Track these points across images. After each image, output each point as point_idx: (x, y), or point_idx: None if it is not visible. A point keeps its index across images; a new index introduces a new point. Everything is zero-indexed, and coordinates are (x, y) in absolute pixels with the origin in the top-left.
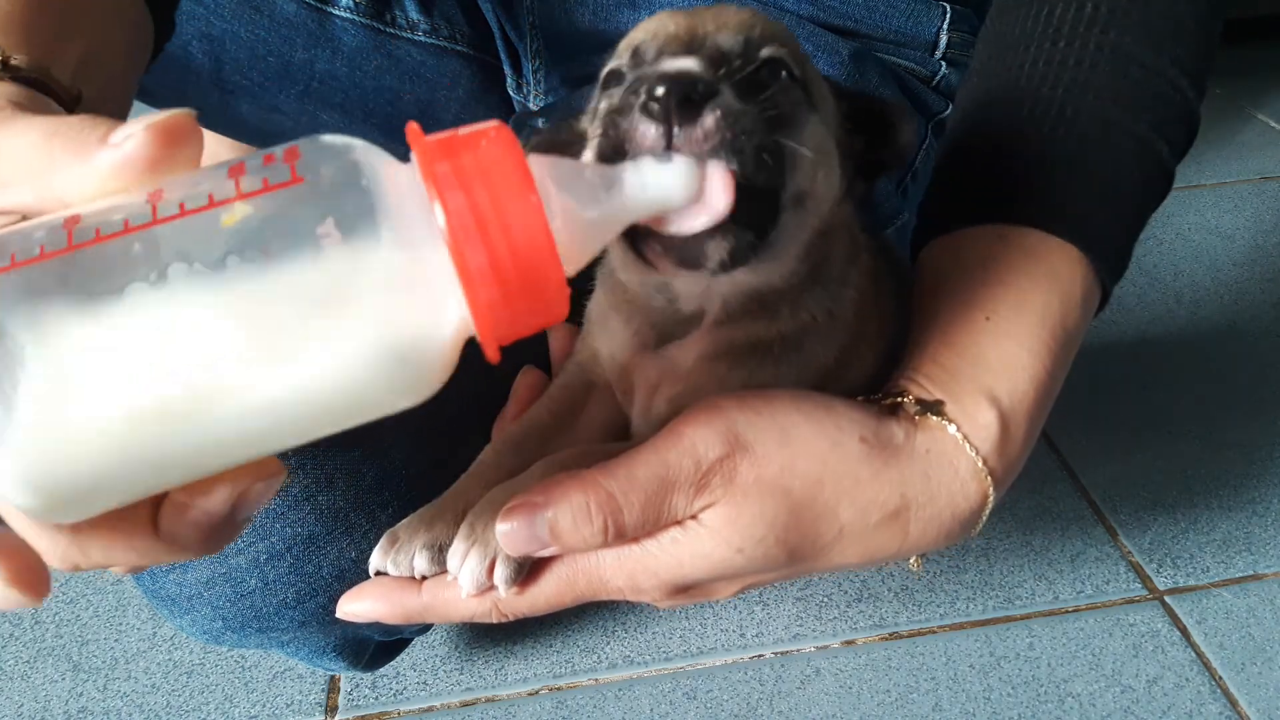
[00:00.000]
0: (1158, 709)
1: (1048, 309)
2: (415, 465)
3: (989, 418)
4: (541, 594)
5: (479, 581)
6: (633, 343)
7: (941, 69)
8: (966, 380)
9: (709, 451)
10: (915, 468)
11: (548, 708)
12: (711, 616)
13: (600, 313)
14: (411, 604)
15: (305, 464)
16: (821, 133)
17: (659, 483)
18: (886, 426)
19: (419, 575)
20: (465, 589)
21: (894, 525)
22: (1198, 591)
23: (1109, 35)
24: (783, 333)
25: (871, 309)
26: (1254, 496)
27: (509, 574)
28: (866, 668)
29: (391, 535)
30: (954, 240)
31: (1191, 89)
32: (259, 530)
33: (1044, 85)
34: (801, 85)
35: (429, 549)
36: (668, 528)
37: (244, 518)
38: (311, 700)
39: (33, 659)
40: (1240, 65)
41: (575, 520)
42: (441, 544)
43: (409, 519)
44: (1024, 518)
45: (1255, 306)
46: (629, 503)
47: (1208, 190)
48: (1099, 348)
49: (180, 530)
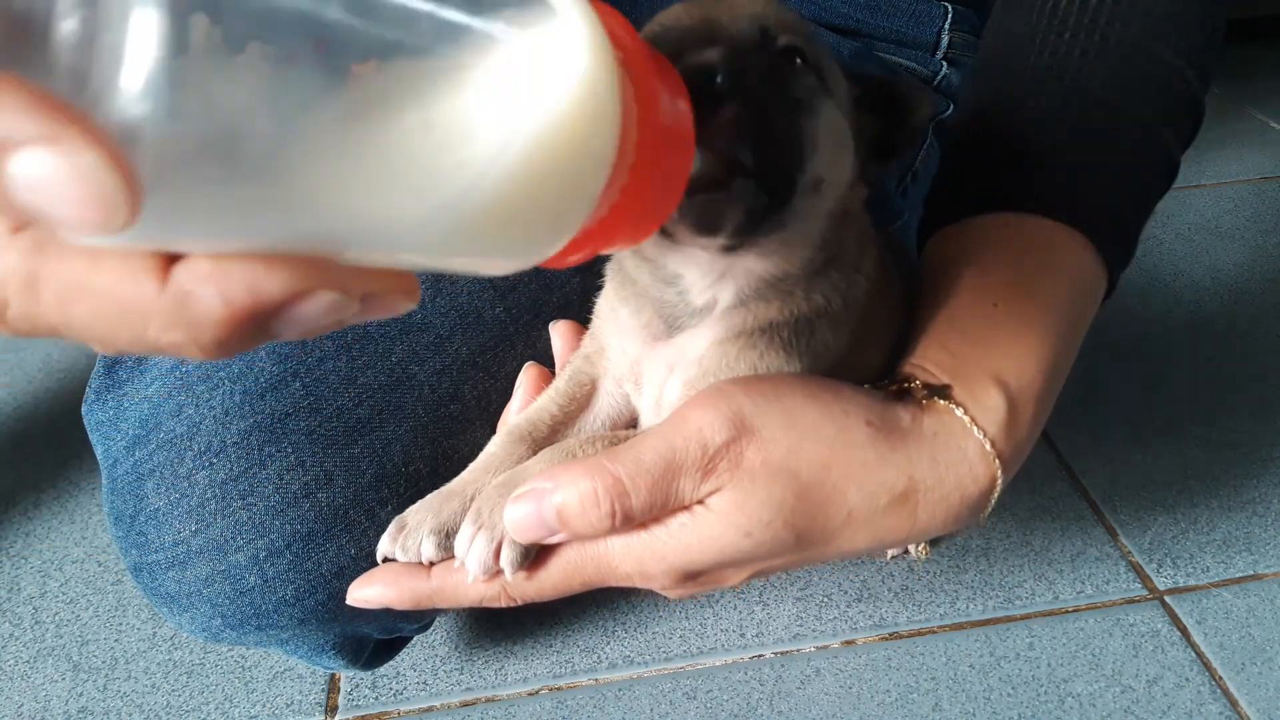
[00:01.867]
0: (1158, 709)
1: (1055, 295)
2: (415, 463)
3: (997, 401)
4: (549, 579)
5: (486, 565)
6: (643, 334)
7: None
8: (974, 365)
9: (715, 436)
10: (923, 451)
11: (548, 708)
12: (711, 616)
13: (609, 307)
14: (420, 589)
15: (304, 461)
16: (837, 117)
17: (665, 467)
18: (893, 410)
19: (427, 561)
20: (472, 572)
21: (902, 509)
22: (1198, 591)
23: (1114, 27)
24: (795, 315)
25: (882, 298)
26: (1254, 496)
27: (515, 557)
28: (866, 668)
29: (400, 521)
30: (961, 229)
31: (1197, 80)
32: (258, 528)
33: (1050, 77)
34: (816, 71)
35: (436, 534)
36: (675, 513)
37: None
38: (311, 700)
39: (33, 659)
40: (1240, 65)
41: (583, 505)
42: (449, 530)
43: (417, 505)
44: (1024, 518)
45: (1255, 306)
46: (636, 487)
47: (1208, 190)
48: (1099, 348)
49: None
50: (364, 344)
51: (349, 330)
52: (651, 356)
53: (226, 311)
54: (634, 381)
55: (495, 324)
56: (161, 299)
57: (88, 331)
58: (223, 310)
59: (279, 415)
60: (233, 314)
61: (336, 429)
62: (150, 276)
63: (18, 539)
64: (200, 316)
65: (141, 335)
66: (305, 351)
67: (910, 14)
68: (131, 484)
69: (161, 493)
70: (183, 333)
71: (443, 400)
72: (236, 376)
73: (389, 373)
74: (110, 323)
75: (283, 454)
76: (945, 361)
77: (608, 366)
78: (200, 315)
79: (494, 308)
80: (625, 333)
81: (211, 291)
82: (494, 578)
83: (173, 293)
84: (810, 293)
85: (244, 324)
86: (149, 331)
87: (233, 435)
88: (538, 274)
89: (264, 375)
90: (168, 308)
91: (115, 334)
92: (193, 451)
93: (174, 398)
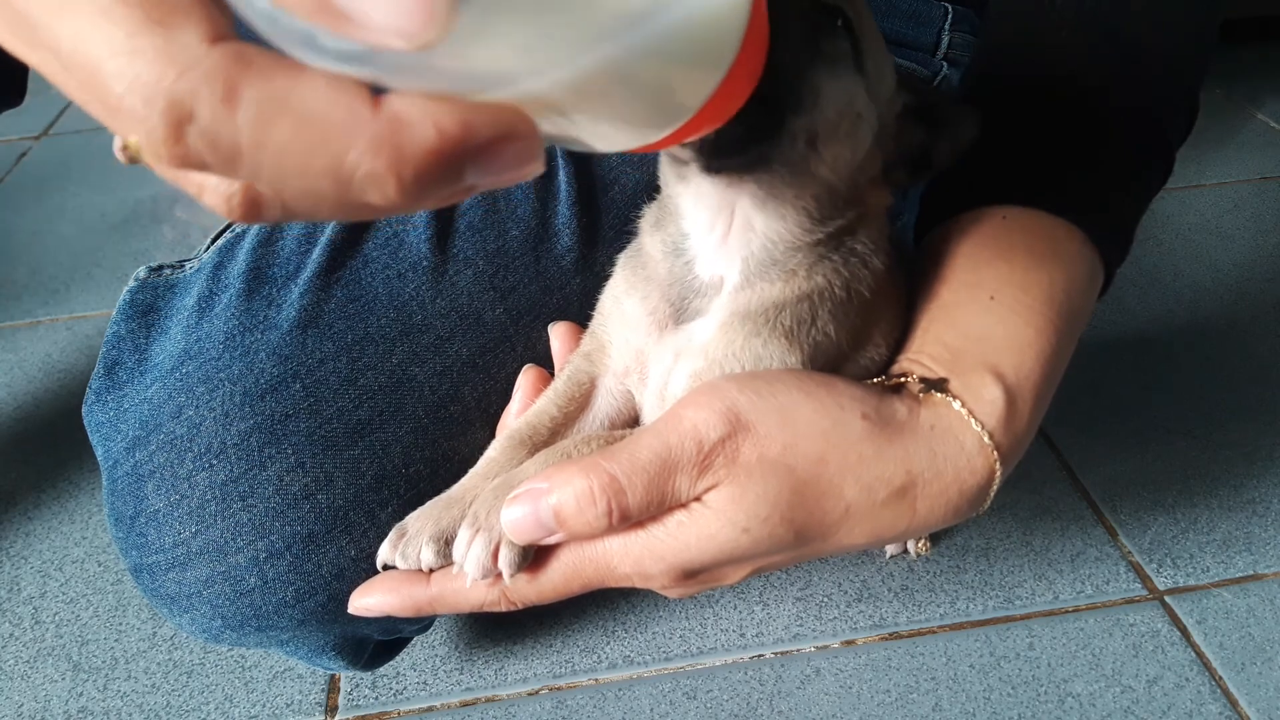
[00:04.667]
0: (1158, 709)
1: (1053, 288)
2: (415, 464)
3: (995, 393)
4: (549, 581)
5: (484, 567)
6: (648, 322)
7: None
8: (971, 357)
9: (710, 433)
10: (920, 444)
11: (548, 708)
12: (711, 616)
13: (614, 297)
14: (421, 595)
15: (304, 462)
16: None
17: (661, 465)
18: (889, 404)
19: (426, 568)
20: (470, 575)
21: (901, 502)
22: (1198, 591)
23: (1111, 23)
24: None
25: (889, 297)
26: (1254, 496)
27: (513, 558)
28: (866, 668)
29: (400, 529)
30: (958, 224)
31: (1192, 76)
32: (258, 529)
33: (1047, 72)
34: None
35: (436, 541)
36: (672, 511)
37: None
38: (311, 700)
39: (33, 659)
40: (1240, 65)
41: (579, 505)
42: (449, 537)
43: (417, 512)
44: (1024, 518)
45: (1255, 306)
46: (632, 485)
47: (1208, 190)
48: (1099, 348)
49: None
50: (364, 345)
51: (349, 331)
52: (658, 346)
53: (438, 141)
54: (638, 375)
55: (495, 325)
56: (375, 121)
57: (282, 153)
58: (435, 139)
59: (279, 417)
60: (443, 144)
61: (337, 430)
62: (363, 101)
63: (18, 539)
64: (412, 142)
65: (340, 160)
66: (305, 353)
67: (910, 15)
68: (131, 485)
69: (161, 494)
70: (387, 159)
71: (443, 402)
72: (236, 378)
73: (389, 374)
74: (311, 144)
75: (283, 455)
76: (942, 355)
77: (608, 364)
78: (412, 140)
79: (494, 309)
80: (630, 323)
81: (427, 119)
82: (494, 581)
83: (387, 116)
84: (813, 272)
85: (449, 158)
86: (350, 155)
87: (233, 437)
88: (538, 275)
89: (264, 377)
90: (380, 131)
91: (312, 157)
92: (193, 453)
93: (174, 399)
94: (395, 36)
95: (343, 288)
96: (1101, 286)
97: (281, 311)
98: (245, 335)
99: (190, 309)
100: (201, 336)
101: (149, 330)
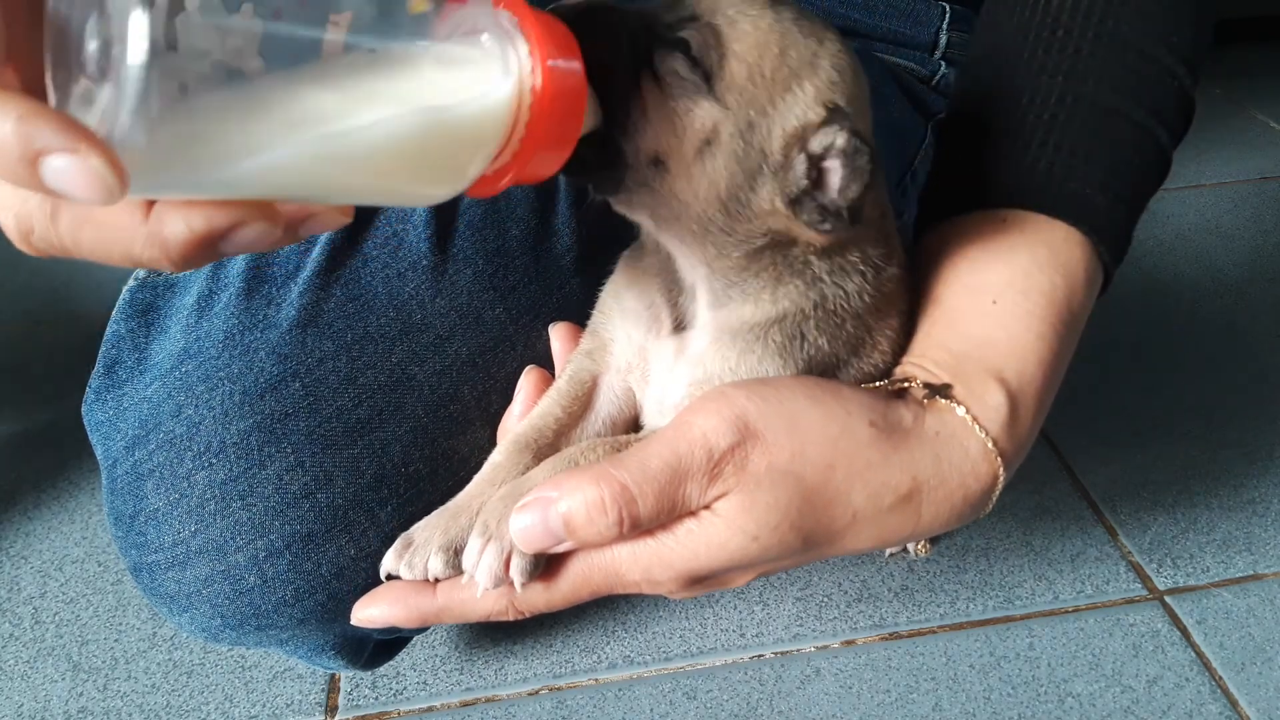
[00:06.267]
0: (1158, 709)
1: (1053, 291)
2: (414, 463)
3: (998, 399)
4: (558, 590)
5: (496, 576)
6: (646, 317)
7: (941, 68)
8: (974, 363)
9: (720, 441)
10: (925, 450)
11: (548, 708)
12: (711, 616)
13: (614, 294)
14: (427, 606)
15: (304, 461)
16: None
17: (671, 473)
18: (895, 410)
19: (434, 577)
20: (482, 584)
21: (906, 508)
22: (1198, 591)
23: (1106, 23)
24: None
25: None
26: (1254, 496)
27: (525, 566)
28: (866, 668)
29: (406, 539)
30: (957, 226)
31: (1187, 75)
32: (258, 528)
33: (1043, 73)
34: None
35: (445, 551)
36: (681, 519)
37: (224, 249)
38: (311, 700)
39: (33, 659)
40: (1240, 65)
41: (589, 513)
42: (458, 546)
43: (424, 522)
44: (1024, 518)
45: (1255, 306)
46: (643, 494)
47: (1208, 190)
48: (1099, 348)
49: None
50: (364, 344)
51: (349, 330)
52: (658, 342)
53: (189, 234)
54: (640, 372)
55: (495, 325)
56: (145, 225)
57: (91, 247)
58: (186, 233)
59: (278, 415)
60: (192, 235)
61: (336, 429)
62: (138, 211)
63: (18, 539)
64: (172, 236)
65: (129, 250)
66: (305, 352)
67: (908, 14)
68: (131, 484)
69: (161, 493)
70: (159, 249)
71: (442, 401)
72: (236, 377)
73: (389, 373)
74: (108, 241)
75: (282, 454)
76: (945, 359)
77: (610, 361)
78: (172, 235)
79: (494, 309)
80: (630, 316)
81: (179, 220)
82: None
83: (153, 221)
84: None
85: (199, 243)
86: (135, 248)
87: (232, 436)
88: (538, 275)
89: (264, 376)
90: (149, 231)
91: (110, 249)
92: (192, 452)
93: (173, 398)
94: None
95: (342, 287)
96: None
97: (281, 310)
98: (245, 334)
99: (190, 308)
100: (201, 335)
101: (149, 329)
